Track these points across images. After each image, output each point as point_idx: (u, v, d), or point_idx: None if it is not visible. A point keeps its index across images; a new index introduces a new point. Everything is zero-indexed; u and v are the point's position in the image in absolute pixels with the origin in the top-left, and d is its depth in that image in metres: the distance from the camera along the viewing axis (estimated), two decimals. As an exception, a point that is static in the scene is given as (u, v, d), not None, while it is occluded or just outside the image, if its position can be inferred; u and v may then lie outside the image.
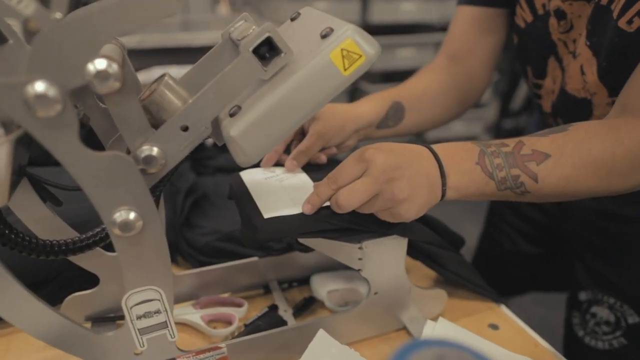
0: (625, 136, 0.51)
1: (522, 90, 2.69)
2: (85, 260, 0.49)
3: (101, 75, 0.32)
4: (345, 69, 0.39)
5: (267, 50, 0.39)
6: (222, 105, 0.39)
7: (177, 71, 1.32)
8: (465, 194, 0.50)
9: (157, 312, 0.43)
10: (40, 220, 0.46)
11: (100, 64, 0.32)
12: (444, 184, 0.48)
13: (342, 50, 0.39)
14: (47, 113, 0.32)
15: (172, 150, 0.39)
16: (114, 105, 0.36)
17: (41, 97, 0.31)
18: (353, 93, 2.51)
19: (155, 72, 1.27)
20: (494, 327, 0.57)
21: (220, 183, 0.85)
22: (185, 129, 0.39)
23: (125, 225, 0.37)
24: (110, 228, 0.38)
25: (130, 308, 0.42)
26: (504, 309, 0.61)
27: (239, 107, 0.40)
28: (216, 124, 0.42)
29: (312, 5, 1.96)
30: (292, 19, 0.47)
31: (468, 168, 0.49)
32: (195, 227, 0.71)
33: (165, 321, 0.44)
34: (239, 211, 0.52)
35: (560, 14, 0.62)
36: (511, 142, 0.52)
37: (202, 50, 0.48)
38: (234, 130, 0.39)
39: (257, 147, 0.40)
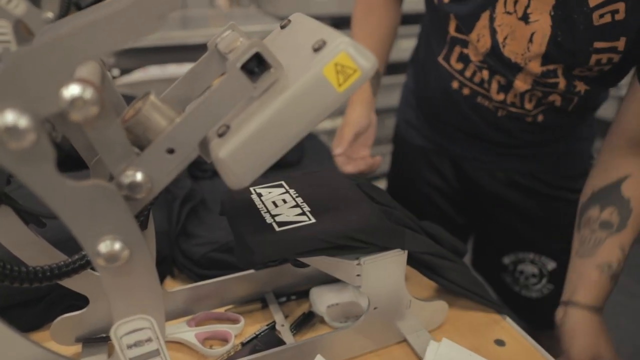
0: None
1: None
2: (72, 282, 0.48)
3: (76, 102, 0.30)
4: (339, 85, 0.36)
5: (256, 64, 0.36)
6: (209, 126, 0.37)
7: (175, 69, 1.30)
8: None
9: (149, 340, 0.41)
10: (23, 244, 0.44)
11: (73, 89, 0.30)
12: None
13: (335, 65, 0.36)
14: (20, 145, 0.29)
15: (157, 174, 0.37)
16: (92, 130, 0.34)
17: (12, 129, 0.29)
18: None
19: (151, 71, 1.25)
20: (500, 343, 0.55)
21: (219, 187, 0.83)
22: (171, 151, 0.37)
23: (111, 256, 0.35)
24: (95, 259, 0.35)
25: (120, 338, 0.40)
26: (510, 322, 0.59)
27: (228, 127, 0.38)
28: (204, 143, 0.39)
29: (311, -3, 1.92)
30: (282, 27, 0.45)
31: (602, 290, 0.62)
32: (191, 237, 0.70)
33: (158, 349, 0.42)
34: (232, 231, 0.50)
35: None
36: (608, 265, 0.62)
37: (199, 48, 0.45)
38: (223, 151, 0.37)
39: (248, 169, 0.37)
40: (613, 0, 0.56)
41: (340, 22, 2.25)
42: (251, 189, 0.56)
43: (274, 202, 0.53)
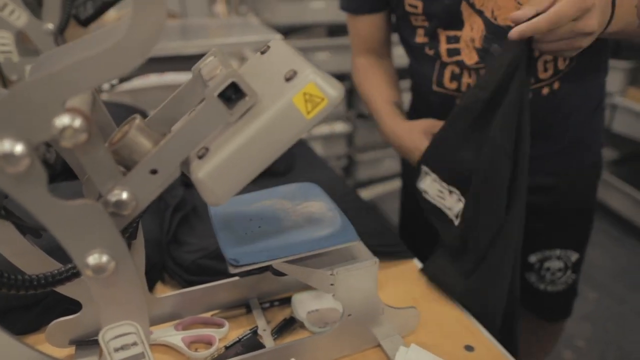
0: None
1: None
2: (66, 289, 0.51)
3: (66, 131, 0.34)
4: (308, 112, 0.40)
5: (233, 92, 0.40)
6: (190, 149, 0.41)
7: (173, 78, 1.33)
8: (615, 31, 0.62)
9: (134, 344, 0.45)
10: (21, 253, 0.48)
11: (64, 119, 0.33)
12: (609, 22, 0.60)
13: (304, 94, 0.40)
14: (16, 169, 0.33)
15: (142, 193, 0.40)
16: (82, 154, 0.37)
17: (9, 155, 0.32)
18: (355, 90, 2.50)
19: (150, 78, 1.28)
20: (470, 348, 0.59)
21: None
22: (154, 172, 0.40)
23: (98, 268, 0.39)
24: (84, 271, 0.39)
25: (108, 342, 0.44)
26: (480, 328, 0.62)
27: (207, 149, 0.41)
28: (186, 163, 0.43)
29: (307, 6, 1.95)
30: (262, 52, 0.48)
31: (628, 11, 0.62)
32: (182, 244, 0.73)
33: (142, 352, 0.46)
34: (218, 240, 0.53)
35: None
36: None
37: (198, 58, 0.48)
38: (202, 172, 0.40)
39: (225, 188, 0.41)
40: None
41: (336, 30, 2.28)
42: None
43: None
